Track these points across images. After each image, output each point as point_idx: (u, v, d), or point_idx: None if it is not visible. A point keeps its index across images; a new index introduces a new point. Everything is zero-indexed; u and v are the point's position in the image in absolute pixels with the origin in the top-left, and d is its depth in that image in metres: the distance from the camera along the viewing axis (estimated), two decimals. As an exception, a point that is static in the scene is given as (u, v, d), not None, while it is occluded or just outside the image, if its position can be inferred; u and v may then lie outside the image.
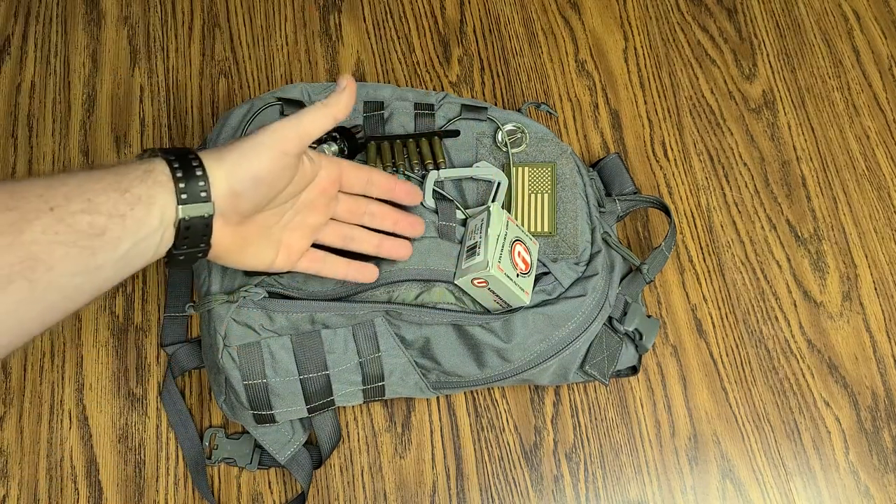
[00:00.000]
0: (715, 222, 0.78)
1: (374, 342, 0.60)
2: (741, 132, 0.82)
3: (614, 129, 0.81)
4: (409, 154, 0.64)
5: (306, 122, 0.48)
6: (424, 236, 0.60)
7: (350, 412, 0.70)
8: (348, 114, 0.50)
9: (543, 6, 0.86)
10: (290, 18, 0.85)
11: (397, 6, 0.86)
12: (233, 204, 0.45)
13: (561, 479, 0.69)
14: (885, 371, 0.73)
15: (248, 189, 0.45)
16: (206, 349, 0.62)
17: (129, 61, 0.82)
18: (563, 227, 0.64)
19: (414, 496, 0.68)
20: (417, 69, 0.83)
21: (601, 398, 0.71)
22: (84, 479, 0.68)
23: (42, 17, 0.84)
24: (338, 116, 0.49)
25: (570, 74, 0.83)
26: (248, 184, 0.45)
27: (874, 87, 0.84)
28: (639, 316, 0.66)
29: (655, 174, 0.80)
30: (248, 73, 0.82)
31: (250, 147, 0.46)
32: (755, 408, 0.72)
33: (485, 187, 0.65)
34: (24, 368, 0.71)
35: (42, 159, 0.78)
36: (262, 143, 0.46)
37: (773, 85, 0.84)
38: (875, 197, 0.79)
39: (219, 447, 0.68)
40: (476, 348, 0.61)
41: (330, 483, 0.68)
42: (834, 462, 0.70)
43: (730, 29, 0.86)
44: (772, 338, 0.74)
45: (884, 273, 0.77)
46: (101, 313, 0.73)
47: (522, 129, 0.67)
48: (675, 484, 0.69)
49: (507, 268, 0.58)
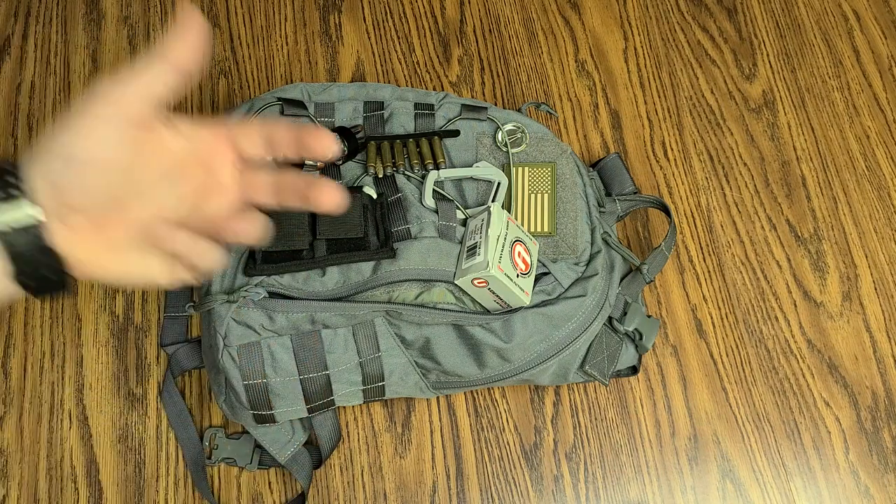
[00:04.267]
0: (715, 222, 0.78)
1: (374, 342, 0.60)
2: (741, 132, 0.82)
3: (614, 129, 0.81)
4: (409, 154, 0.64)
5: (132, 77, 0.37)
6: (424, 236, 0.60)
7: (350, 412, 0.70)
8: (195, 57, 0.38)
9: (543, 6, 0.86)
10: (290, 18, 0.85)
11: (397, 6, 0.86)
12: (60, 200, 0.36)
13: (561, 479, 0.69)
14: (885, 371, 0.73)
15: (69, 176, 0.36)
16: (206, 349, 0.62)
17: (130, 61, 0.82)
18: (563, 227, 0.64)
19: (414, 496, 0.68)
20: (417, 69, 0.83)
21: (601, 398, 0.71)
22: (84, 479, 0.68)
23: (42, 17, 0.84)
24: (179, 63, 0.38)
25: (570, 74, 0.83)
26: (66, 169, 0.36)
27: (874, 87, 0.84)
28: (639, 316, 0.66)
29: (655, 174, 0.80)
30: (248, 73, 0.82)
31: (65, 124, 0.36)
32: (755, 408, 0.72)
33: (485, 187, 0.65)
34: (24, 368, 0.71)
35: (42, 159, 0.78)
36: (74, 115, 0.36)
37: (773, 85, 0.84)
38: (875, 197, 0.79)
39: (219, 447, 0.68)
40: (476, 348, 0.61)
41: (330, 483, 0.68)
42: (834, 462, 0.70)
43: (730, 29, 0.86)
44: (772, 338, 0.74)
45: (884, 273, 0.77)
46: (101, 313, 0.73)
47: (522, 129, 0.67)
48: (675, 484, 0.69)
49: (507, 268, 0.58)
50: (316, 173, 0.64)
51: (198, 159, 0.41)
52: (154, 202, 0.39)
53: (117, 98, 0.36)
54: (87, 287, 0.73)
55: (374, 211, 0.61)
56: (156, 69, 0.37)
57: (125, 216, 0.39)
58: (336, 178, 0.64)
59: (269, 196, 0.42)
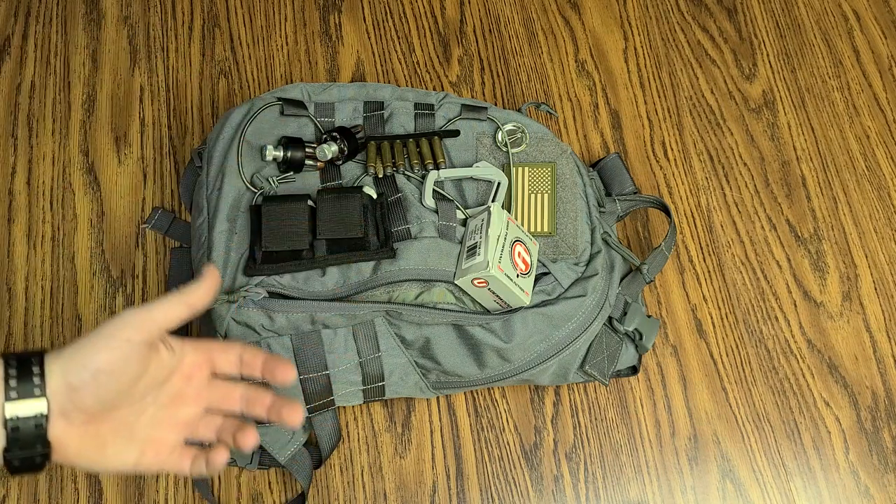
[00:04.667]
0: (715, 222, 0.78)
1: (374, 342, 0.60)
2: (741, 132, 0.82)
3: (614, 129, 0.81)
4: (409, 154, 0.64)
5: (157, 311, 0.44)
6: (424, 236, 0.60)
7: (350, 412, 0.70)
8: (207, 303, 0.47)
9: (543, 6, 0.86)
10: (290, 18, 0.85)
11: (397, 6, 0.86)
12: (73, 400, 0.42)
13: (561, 479, 0.69)
14: (885, 371, 0.73)
15: (87, 382, 0.42)
16: (206, 349, 0.62)
17: (129, 61, 0.82)
18: (563, 227, 0.64)
19: (414, 496, 0.68)
20: (417, 69, 0.83)
21: (601, 398, 0.71)
22: (84, 479, 0.68)
23: (42, 17, 0.84)
24: (195, 306, 0.46)
25: (570, 74, 0.83)
26: (86, 376, 0.41)
27: (874, 87, 0.84)
28: (639, 316, 0.66)
29: (655, 174, 0.80)
30: (248, 73, 0.82)
31: (90, 337, 0.42)
32: (755, 408, 0.72)
33: (485, 187, 0.65)
34: (24, 368, 0.71)
35: (42, 159, 0.78)
36: (102, 333, 0.43)
37: (773, 85, 0.84)
38: (875, 197, 0.79)
39: (219, 447, 0.68)
40: (476, 348, 0.61)
41: (330, 483, 0.68)
42: (834, 462, 0.70)
43: (730, 29, 0.86)
44: (772, 338, 0.74)
45: (884, 273, 0.77)
46: (101, 313, 0.73)
47: (522, 129, 0.67)
48: (675, 484, 0.69)
49: (507, 268, 0.58)
50: (316, 173, 0.64)
51: (181, 372, 0.48)
52: (142, 406, 0.46)
53: (140, 325, 0.43)
54: (88, 287, 0.74)
55: (374, 211, 0.61)
56: (176, 308, 0.45)
57: (115, 415, 0.45)
58: (336, 179, 0.64)
59: (239, 405, 0.50)
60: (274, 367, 0.49)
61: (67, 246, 0.75)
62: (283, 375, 0.49)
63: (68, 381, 0.41)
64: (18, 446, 0.41)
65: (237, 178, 0.62)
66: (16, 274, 0.74)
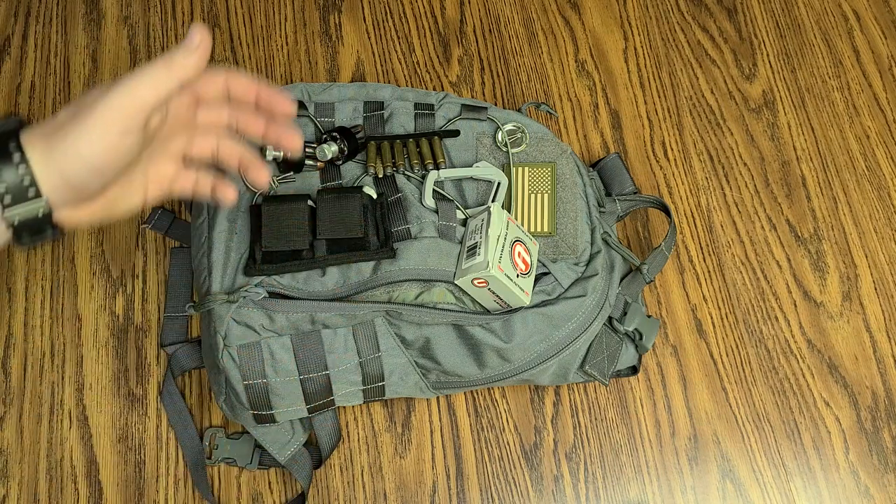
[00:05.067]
0: (715, 222, 0.78)
1: (374, 342, 0.60)
2: (741, 132, 0.82)
3: (614, 129, 0.81)
4: (409, 154, 0.64)
5: (142, 87, 0.41)
6: (424, 236, 0.60)
7: (350, 412, 0.70)
8: (197, 68, 0.43)
9: (543, 6, 0.86)
10: (290, 18, 0.85)
11: (397, 6, 0.86)
12: (74, 193, 0.42)
13: (561, 479, 0.69)
14: (885, 371, 0.73)
15: (89, 179, 0.41)
16: (206, 349, 0.62)
17: (129, 61, 0.82)
18: (563, 227, 0.64)
19: (414, 496, 0.68)
20: (417, 69, 0.83)
21: (601, 398, 0.71)
22: (84, 479, 0.68)
23: (42, 17, 0.84)
24: (182, 74, 0.42)
25: (570, 74, 0.83)
26: (86, 175, 0.41)
27: (874, 87, 0.84)
28: (639, 316, 0.66)
29: (655, 174, 0.80)
30: (248, 72, 0.82)
31: (84, 132, 0.40)
32: (755, 408, 0.72)
33: (485, 187, 0.65)
34: (24, 368, 0.71)
35: (42, 159, 0.78)
36: (95, 127, 0.40)
37: (773, 85, 0.84)
38: (875, 197, 0.79)
39: (219, 447, 0.68)
40: (476, 348, 0.61)
41: (330, 483, 0.68)
42: (834, 462, 0.70)
43: (730, 29, 0.86)
44: (772, 338, 0.74)
45: (884, 273, 0.77)
46: (101, 313, 0.73)
47: (522, 129, 0.67)
48: (675, 484, 0.69)
49: (507, 268, 0.58)
50: (316, 173, 0.64)
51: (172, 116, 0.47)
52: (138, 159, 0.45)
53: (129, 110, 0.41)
54: (88, 287, 0.73)
55: (374, 211, 0.61)
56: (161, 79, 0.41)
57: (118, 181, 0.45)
58: (336, 179, 0.64)
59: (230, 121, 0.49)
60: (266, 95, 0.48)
61: (67, 246, 0.75)
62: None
63: (67, 180, 0.41)
64: (28, 234, 0.42)
65: (237, 178, 0.62)
66: (16, 274, 0.74)
